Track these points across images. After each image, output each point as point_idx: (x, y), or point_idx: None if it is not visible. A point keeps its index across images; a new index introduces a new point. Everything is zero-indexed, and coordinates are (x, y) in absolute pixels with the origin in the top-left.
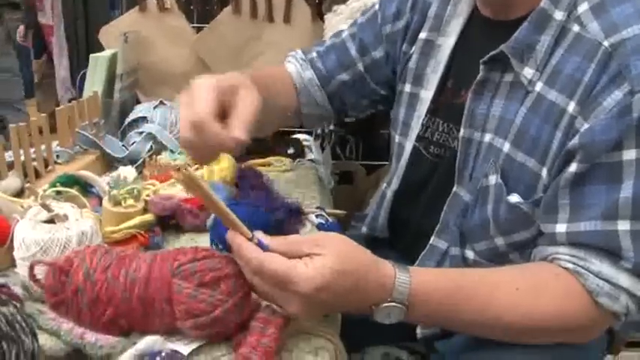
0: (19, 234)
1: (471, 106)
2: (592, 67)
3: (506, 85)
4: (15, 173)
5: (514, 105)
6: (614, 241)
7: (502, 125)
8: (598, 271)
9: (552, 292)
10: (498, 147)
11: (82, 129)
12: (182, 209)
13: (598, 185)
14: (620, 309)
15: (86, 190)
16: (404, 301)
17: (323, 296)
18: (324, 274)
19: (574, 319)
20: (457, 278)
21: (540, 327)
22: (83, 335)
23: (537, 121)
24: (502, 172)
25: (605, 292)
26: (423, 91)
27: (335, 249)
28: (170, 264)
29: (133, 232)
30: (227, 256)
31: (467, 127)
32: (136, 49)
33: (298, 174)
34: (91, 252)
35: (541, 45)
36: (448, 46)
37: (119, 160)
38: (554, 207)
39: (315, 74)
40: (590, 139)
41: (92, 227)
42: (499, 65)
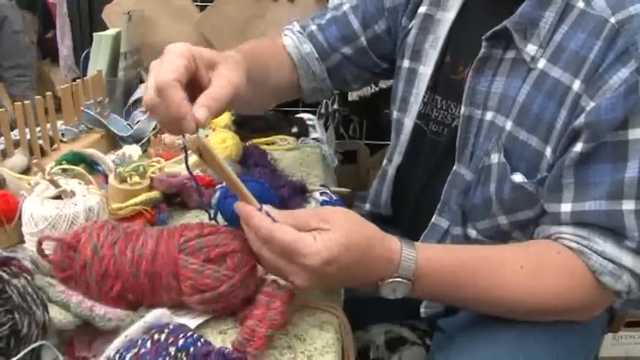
0: (27, 210)
1: (472, 83)
2: (598, 45)
3: (508, 61)
4: (21, 151)
5: (516, 82)
6: (619, 220)
7: (504, 103)
8: (601, 251)
9: (556, 271)
10: (500, 125)
11: (87, 108)
12: (187, 187)
13: (603, 164)
14: (623, 288)
15: (92, 167)
16: (410, 276)
17: (330, 270)
18: (331, 247)
19: (577, 298)
20: (462, 255)
21: (543, 306)
22: (92, 308)
23: (540, 99)
24: (505, 151)
25: (609, 271)
26: (422, 67)
27: (342, 223)
28: (176, 240)
29: (139, 209)
30: (233, 232)
31: (467, 105)
32: (139, 28)
33: (302, 153)
34: (98, 227)
35: (545, 21)
36: (448, 21)
37: (124, 138)
38: (559, 186)
39: (314, 48)
40: (596, 118)
41: (99, 203)
42: (501, 41)
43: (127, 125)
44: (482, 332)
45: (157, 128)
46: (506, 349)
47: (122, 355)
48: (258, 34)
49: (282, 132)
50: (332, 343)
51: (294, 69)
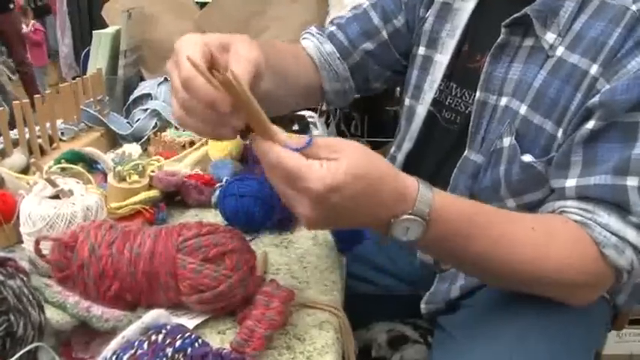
0: (25, 209)
1: (489, 69)
2: (618, 31)
3: (525, 49)
4: (20, 150)
5: (533, 69)
6: (623, 195)
7: (520, 88)
8: (605, 224)
9: (564, 238)
10: (515, 109)
11: (87, 106)
12: (187, 185)
13: (612, 144)
14: (625, 264)
15: (91, 166)
16: (425, 215)
17: (334, 199)
18: (336, 175)
19: (583, 269)
20: (477, 206)
21: (550, 273)
22: (89, 308)
23: (557, 83)
24: (517, 134)
25: (612, 244)
26: (438, 55)
27: (352, 154)
28: (174, 239)
29: (138, 208)
30: (231, 231)
31: (483, 91)
32: (139, 26)
33: None
34: (95, 227)
35: (564, 10)
36: (467, 11)
37: (124, 137)
38: (567, 163)
39: (335, 47)
40: (610, 98)
41: (97, 202)
42: (520, 29)
43: (127, 124)
44: (481, 329)
45: (156, 127)
46: (506, 347)
47: (119, 357)
48: (259, 30)
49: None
50: (332, 343)
51: (316, 71)
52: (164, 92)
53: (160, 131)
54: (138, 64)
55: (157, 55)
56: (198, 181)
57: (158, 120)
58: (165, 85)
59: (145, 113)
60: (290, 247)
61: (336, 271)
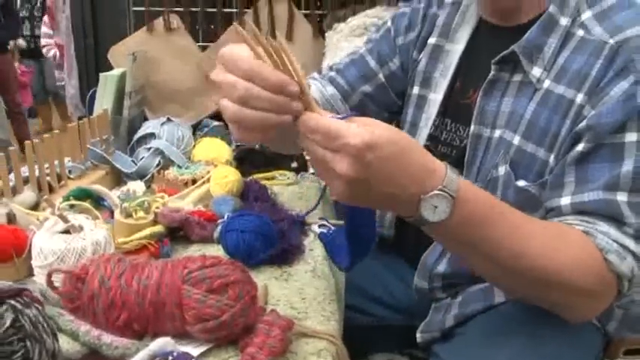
0: (37, 244)
1: (481, 103)
2: (599, 62)
3: (515, 84)
4: (30, 188)
5: (523, 101)
6: (617, 209)
7: (512, 120)
8: (606, 232)
9: (572, 239)
10: (509, 140)
11: (93, 145)
12: (190, 221)
13: (602, 163)
14: (627, 270)
15: (98, 203)
16: (453, 192)
17: (369, 156)
18: (373, 132)
19: (590, 274)
20: (495, 198)
21: (558, 271)
22: (100, 337)
23: (547, 113)
24: (511, 162)
25: (615, 250)
26: (432, 94)
27: (385, 125)
28: (180, 271)
29: (143, 243)
30: (234, 263)
31: (477, 124)
32: (144, 68)
33: (301, 187)
34: (105, 260)
35: (548, 47)
36: (457, 52)
37: (128, 174)
38: (561, 183)
39: (336, 90)
40: (596, 121)
41: (106, 237)
42: (509, 65)
43: (131, 162)
44: (475, 357)
45: (160, 165)
46: None
47: None
48: None
49: (281, 167)
50: None
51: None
52: (167, 131)
53: (163, 169)
54: (142, 104)
55: (160, 96)
56: (200, 217)
57: (161, 158)
58: (168, 125)
59: (149, 152)
60: (289, 280)
61: (334, 303)
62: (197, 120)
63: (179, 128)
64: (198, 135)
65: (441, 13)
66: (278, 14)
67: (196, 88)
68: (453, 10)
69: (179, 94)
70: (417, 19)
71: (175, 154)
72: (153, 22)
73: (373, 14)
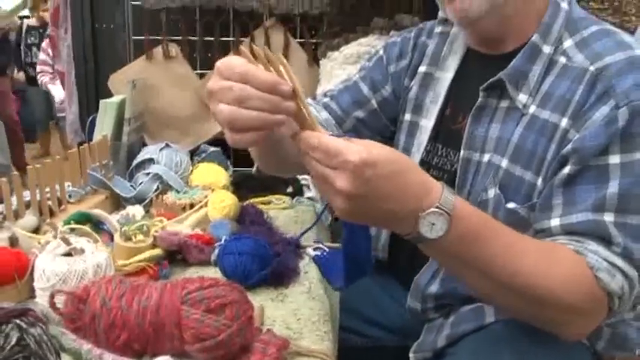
0: (39, 266)
1: (470, 129)
2: (581, 88)
3: (502, 110)
4: (32, 211)
5: (510, 126)
6: (604, 229)
7: (500, 144)
8: (596, 250)
9: (564, 257)
10: (497, 164)
11: (93, 170)
12: (188, 244)
13: (588, 185)
14: (617, 288)
15: (97, 227)
16: (450, 209)
17: (369, 172)
18: (371, 151)
19: (581, 292)
20: (488, 216)
21: (550, 288)
22: (101, 356)
23: (533, 137)
24: (500, 185)
25: (605, 268)
26: (424, 120)
27: (383, 145)
28: (179, 292)
29: (142, 265)
30: (231, 284)
31: (466, 149)
32: (143, 95)
33: (297, 211)
34: (106, 282)
35: (533, 74)
36: (447, 79)
37: (127, 199)
38: (549, 205)
39: (330, 115)
40: (581, 145)
41: (106, 260)
42: (496, 92)
43: (130, 187)
44: None
45: (158, 189)
46: None
47: None
48: None
49: (277, 191)
50: None
51: None
52: (165, 157)
53: (161, 194)
54: (141, 130)
55: (158, 122)
56: (198, 241)
57: (160, 183)
58: (166, 151)
59: (148, 177)
60: (285, 301)
61: (329, 323)
62: (195, 145)
63: (177, 154)
64: (196, 160)
65: (430, 43)
66: (274, 43)
67: (194, 115)
68: (442, 40)
69: (177, 120)
70: (407, 47)
71: (174, 179)
72: (152, 50)
73: (366, 43)
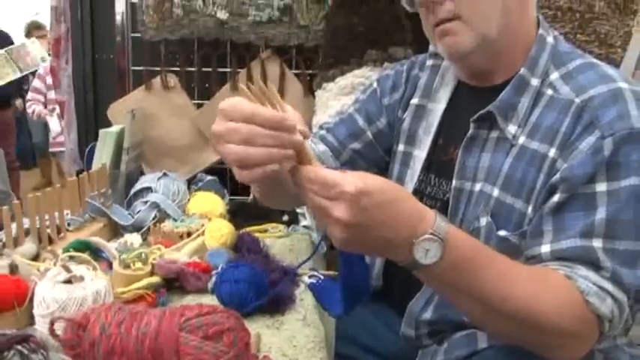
0: (39, 293)
1: (462, 159)
2: (567, 120)
3: (492, 140)
4: (31, 239)
5: (501, 156)
6: (593, 254)
7: (491, 174)
8: (585, 275)
9: (556, 283)
10: (488, 193)
11: (92, 198)
12: (186, 272)
13: (576, 212)
14: (607, 311)
15: (96, 254)
16: (443, 236)
17: (364, 201)
18: (366, 180)
19: (572, 317)
20: (480, 243)
21: (544, 316)
22: None
23: (522, 167)
24: (492, 214)
25: (595, 292)
26: (417, 151)
27: (377, 176)
28: (177, 319)
29: (141, 293)
30: (228, 312)
31: (458, 179)
32: (141, 124)
33: (292, 239)
34: (106, 309)
35: (521, 106)
36: (438, 111)
37: (125, 227)
38: (540, 232)
39: (327, 147)
40: (569, 173)
41: (106, 287)
42: (486, 123)
43: (128, 215)
44: None
45: (156, 218)
46: None
47: None
48: None
49: (273, 220)
50: None
51: None
52: (163, 186)
53: (159, 222)
54: (139, 159)
55: (157, 151)
56: (196, 269)
57: (157, 211)
58: (164, 179)
59: (146, 205)
60: (281, 328)
61: (324, 350)
62: (192, 174)
63: (175, 182)
64: (193, 189)
65: (422, 75)
66: (270, 74)
67: (191, 144)
68: (433, 73)
69: (175, 149)
70: (400, 80)
71: (171, 207)
72: (151, 80)
73: (360, 74)
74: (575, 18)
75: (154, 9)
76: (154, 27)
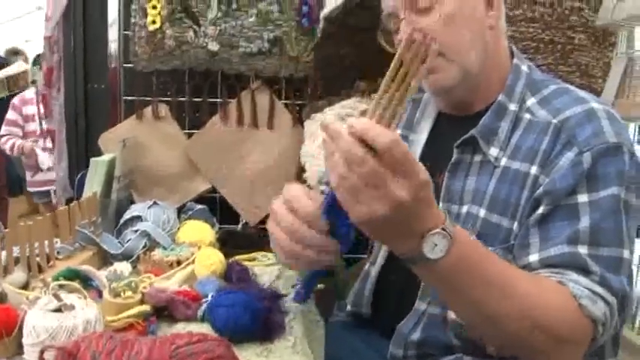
0: (29, 322)
1: (448, 183)
2: (546, 139)
3: (476, 164)
4: (20, 268)
5: (485, 179)
6: (580, 259)
7: (477, 195)
8: (576, 280)
9: (550, 288)
10: (475, 213)
11: (82, 227)
12: (175, 300)
13: (561, 222)
14: (600, 314)
15: (86, 283)
16: (452, 233)
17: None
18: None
19: (567, 319)
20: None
21: (544, 314)
22: None
23: (506, 187)
24: (479, 233)
25: (587, 295)
26: None
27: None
28: (168, 347)
29: (131, 321)
30: (218, 339)
31: (445, 202)
32: (132, 153)
33: (282, 268)
34: (97, 337)
35: (502, 130)
36: (421, 140)
37: (115, 256)
38: (527, 244)
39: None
40: (552, 187)
41: (96, 315)
42: (469, 148)
43: (118, 243)
44: None
45: (146, 246)
46: None
47: None
48: (241, 157)
49: (262, 248)
50: None
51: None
52: (153, 214)
53: (149, 251)
54: (129, 187)
55: (147, 179)
56: (185, 297)
57: (147, 240)
58: (154, 208)
59: (136, 234)
60: (270, 356)
61: None
62: (182, 203)
63: (165, 211)
64: (183, 217)
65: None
66: (260, 104)
67: (182, 173)
68: (415, 106)
69: (165, 178)
70: None
71: (161, 236)
72: (142, 110)
73: (348, 105)
74: (557, 50)
75: (147, 40)
76: (146, 58)
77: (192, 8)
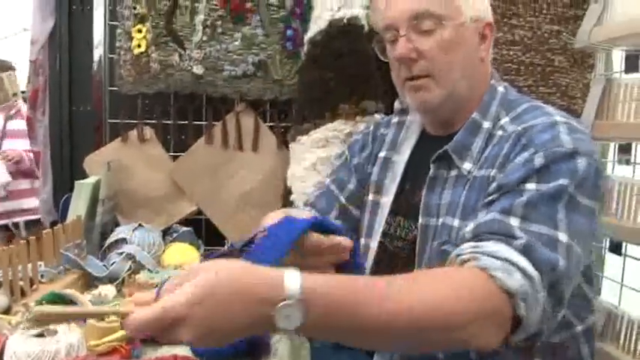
0: (10, 347)
1: (426, 199)
2: (507, 145)
3: (452, 179)
4: (3, 292)
5: (459, 191)
6: (507, 228)
7: (451, 207)
8: (492, 251)
9: (450, 276)
10: (450, 224)
11: (66, 250)
12: None
13: (504, 201)
14: (516, 285)
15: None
16: (298, 295)
17: (200, 312)
18: (187, 291)
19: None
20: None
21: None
22: None
23: (475, 194)
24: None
25: (499, 267)
26: (384, 198)
27: (205, 268)
28: None
29: (115, 345)
30: None
31: (424, 216)
32: (117, 176)
33: None
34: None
35: (475, 145)
36: (403, 161)
37: (99, 278)
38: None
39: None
40: (504, 180)
41: (79, 340)
42: (445, 163)
43: (103, 266)
44: None
45: (131, 269)
46: None
47: None
48: (226, 177)
49: None
50: None
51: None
52: (138, 237)
53: (133, 273)
54: (114, 210)
55: (132, 202)
56: None
57: (132, 263)
58: (139, 231)
59: (120, 256)
60: None
61: None
62: (167, 225)
63: (150, 234)
64: (168, 240)
65: (388, 132)
66: (245, 126)
67: (167, 195)
68: (399, 128)
69: (150, 200)
70: (368, 140)
71: (146, 258)
72: (127, 133)
73: (333, 127)
74: (537, 72)
75: (132, 64)
76: (131, 81)
77: (177, 32)
